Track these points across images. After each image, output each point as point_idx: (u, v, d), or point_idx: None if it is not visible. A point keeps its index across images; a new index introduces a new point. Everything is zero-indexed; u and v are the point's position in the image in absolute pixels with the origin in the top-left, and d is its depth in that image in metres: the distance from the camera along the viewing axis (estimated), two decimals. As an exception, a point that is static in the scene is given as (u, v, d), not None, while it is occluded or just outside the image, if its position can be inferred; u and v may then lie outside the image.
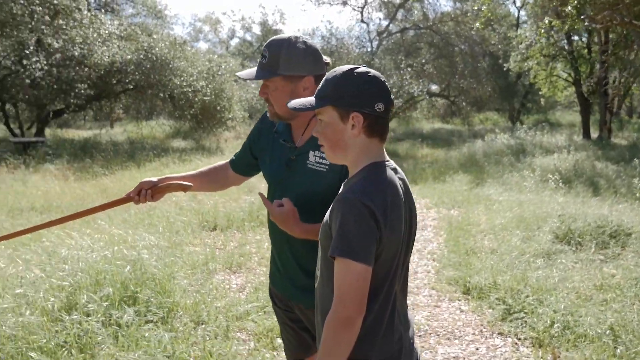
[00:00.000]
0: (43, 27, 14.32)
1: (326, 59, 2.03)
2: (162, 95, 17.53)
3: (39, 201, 8.08)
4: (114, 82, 17.38)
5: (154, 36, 17.61)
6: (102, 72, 16.54)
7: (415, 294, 4.89)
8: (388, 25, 27.94)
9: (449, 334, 3.97)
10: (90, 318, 3.25)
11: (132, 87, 17.62)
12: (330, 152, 1.60)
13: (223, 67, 19.17)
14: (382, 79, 1.56)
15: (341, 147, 1.57)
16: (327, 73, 1.62)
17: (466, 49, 26.40)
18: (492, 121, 33.59)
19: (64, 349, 2.99)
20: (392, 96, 1.58)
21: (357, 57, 22.46)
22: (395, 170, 1.60)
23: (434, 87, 30.85)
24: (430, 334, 3.98)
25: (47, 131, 20.75)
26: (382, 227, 1.44)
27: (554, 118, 32.35)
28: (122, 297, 3.67)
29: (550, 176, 9.44)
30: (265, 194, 2.07)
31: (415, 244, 6.49)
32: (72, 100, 17.19)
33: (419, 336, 3.93)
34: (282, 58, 1.92)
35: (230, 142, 19.25)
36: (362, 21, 27.68)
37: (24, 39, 14.82)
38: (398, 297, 1.61)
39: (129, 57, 16.40)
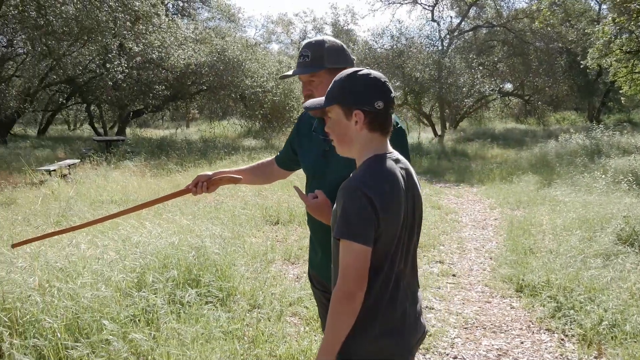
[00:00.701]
0: (125, 32, 15.26)
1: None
2: (233, 95, 18.19)
3: (117, 195, 8.70)
4: (189, 83, 18.26)
5: (227, 39, 18.32)
6: (178, 74, 17.40)
7: (467, 289, 4.96)
8: (460, 24, 27.48)
9: (496, 327, 4.03)
10: (156, 296, 3.59)
11: (205, 88, 18.41)
12: (338, 146, 1.78)
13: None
14: (383, 80, 1.71)
15: (347, 142, 1.74)
16: (335, 75, 1.80)
17: (542, 46, 25.50)
18: (570, 121, 32.26)
19: (132, 321, 3.34)
20: (393, 94, 1.73)
21: (427, 57, 22.26)
22: (397, 160, 1.74)
23: (508, 86, 30.04)
24: (477, 327, 4.05)
25: (128, 130, 22.02)
26: (379, 213, 1.60)
27: (638, 117, 30.64)
28: (186, 279, 4.00)
29: (623, 177, 9.08)
30: (303, 188, 2.29)
31: (473, 242, 6.56)
32: (150, 101, 18.20)
33: (465, 329, 4.01)
34: (326, 53, 2.16)
35: (299, 141, 19.60)
36: (433, 20, 27.36)
37: (107, 43, 15.84)
38: (405, 275, 1.77)
39: (203, 59, 17.17)
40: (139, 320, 3.37)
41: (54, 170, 10.85)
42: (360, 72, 1.72)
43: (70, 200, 7.71)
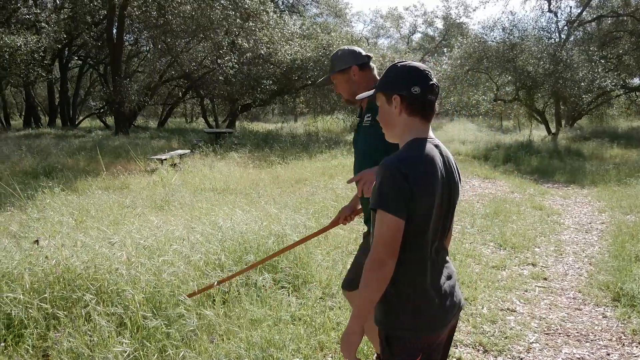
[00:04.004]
0: (235, 29, 15.95)
1: (368, 53, 2.83)
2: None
3: (219, 183, 9.16)
4: (295, 78, 18.66)
5: (332, 34, 18.52)
6: (285, 69, 17.88)
7: (557, 294, 4.67)
8: (580, 14, 25.62)
9: (582, 336, 3.76)
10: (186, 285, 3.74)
11: (310, 82, 18.76)
12: (385, 131, 1.96)
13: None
14: (421, 69, 1.86)
15: (390, 125, 1.92)
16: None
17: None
18: None
19: (209, 299, 3.53)
20: (432, 82, 1.86)
21: (541, 50, 21.02)
22: (437, 146, 1.87)
23: (636, 81, 27.55)
24: (560, 334, 3.81)
25: (237, 123, 23.01)
26: (414, 190, 1.71)
27: None
28: (264, 264, 4.14)
29: None
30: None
31: (573, 246, 6.17)
32: (258, 95, 18.87)
33: (546, 334, 3.79)
34: (334, 62, 2.80)
35: (401, 137, 19.25)
36: (550, 10, 25.74)
37: (219, 40, 16.65)
38: (440, 254, 1.88)
39: (308, 54, 17.50)
40: (213, 300, 3.55)
41: (165, 159, 11.63)
42: (400, 63, 1.91)
43: (174, 187, 8.23)
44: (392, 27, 48.91)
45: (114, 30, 17.15)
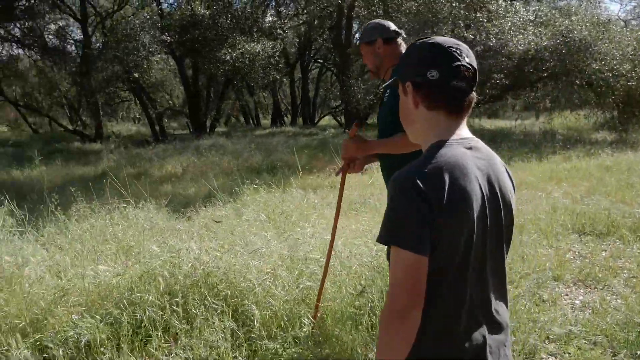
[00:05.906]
0: (461, 22, 15.14)
1: (397, 29, 2.88)
2: (578, 82, 16.19)
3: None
4: (530, 70, 16.90)
5: (573, 18, 16.33)
6: (517, 61, 16.37)
7: None
8: None
9: None
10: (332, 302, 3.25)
11: (546, 75, 16.85)
12: (407, 130, 1.54)
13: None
14: (445, 45, 1.40)
15: (409, 122, 1.51)
16: None
17: None
18: None
19: (348, 320, 3.12)
20: (460, 62, 1.38)
21: None
22: (472, 148, 1.42)
23: None
24: None
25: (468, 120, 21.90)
26: (436, 211, 1.28)
27: None
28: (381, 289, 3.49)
29: None
30: None
31: None
32: (487, 91, 17.63)
33: None
34: (362, 34, 2.93)
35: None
36: None
37: (444, 34, 16.01)
38: (486, 295, 1.41)
39: (544, 43, 15.72)
40: (357, 324, 3.13)
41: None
42: (419, 41, 1.48)
43: (375, 189, 8.02)
44: (663, 5, 41.61)
45: (343, 32, 17.82)
